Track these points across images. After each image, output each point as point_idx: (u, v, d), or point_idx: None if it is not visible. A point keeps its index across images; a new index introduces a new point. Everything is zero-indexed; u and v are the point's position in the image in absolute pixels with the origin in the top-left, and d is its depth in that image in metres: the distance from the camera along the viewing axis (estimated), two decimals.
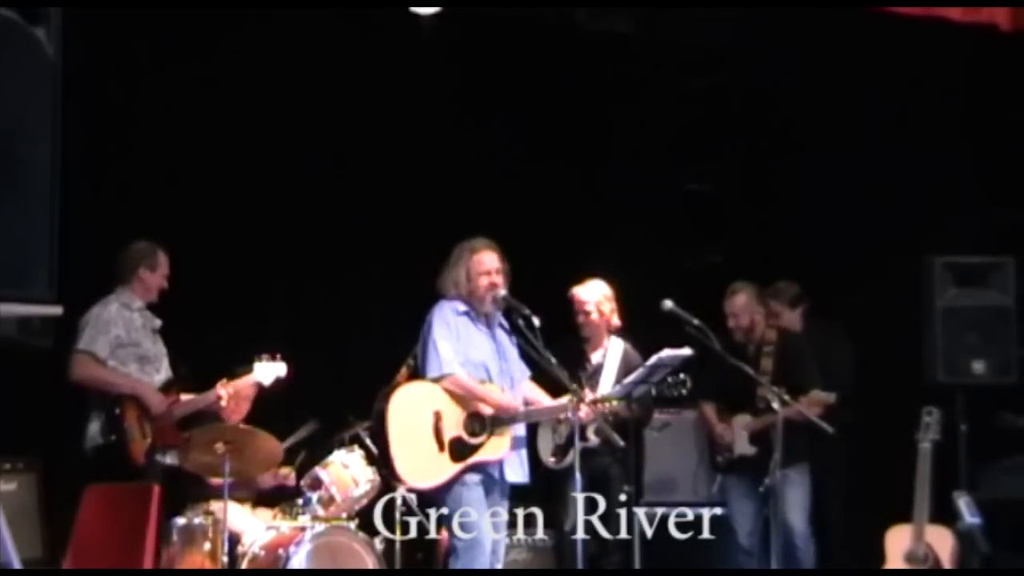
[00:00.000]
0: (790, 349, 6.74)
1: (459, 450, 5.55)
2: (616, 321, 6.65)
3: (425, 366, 5.64)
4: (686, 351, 6.16)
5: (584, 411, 5.74)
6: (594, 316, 6.61)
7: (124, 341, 5.96)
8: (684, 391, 6.19)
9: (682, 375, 6.10)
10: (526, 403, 5.84)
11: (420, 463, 5.54)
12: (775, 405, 5.95)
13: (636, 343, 6.66)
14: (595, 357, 6.65)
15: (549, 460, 6.52)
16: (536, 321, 5.66)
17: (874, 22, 6.95)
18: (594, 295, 6.64)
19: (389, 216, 7.83)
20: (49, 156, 3.16)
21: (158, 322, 6.17)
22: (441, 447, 5.54)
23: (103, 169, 6.77)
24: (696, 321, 5.98)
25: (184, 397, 6.15)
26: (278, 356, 6.34)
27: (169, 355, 6.20)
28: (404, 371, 6.30)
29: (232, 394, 6.26)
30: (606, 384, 6.46)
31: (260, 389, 6.40)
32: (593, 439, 6.27)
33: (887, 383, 7.29)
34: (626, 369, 6.53)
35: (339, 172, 7.86)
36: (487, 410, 5.60)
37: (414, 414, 5.56)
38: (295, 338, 7.00)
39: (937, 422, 6.34)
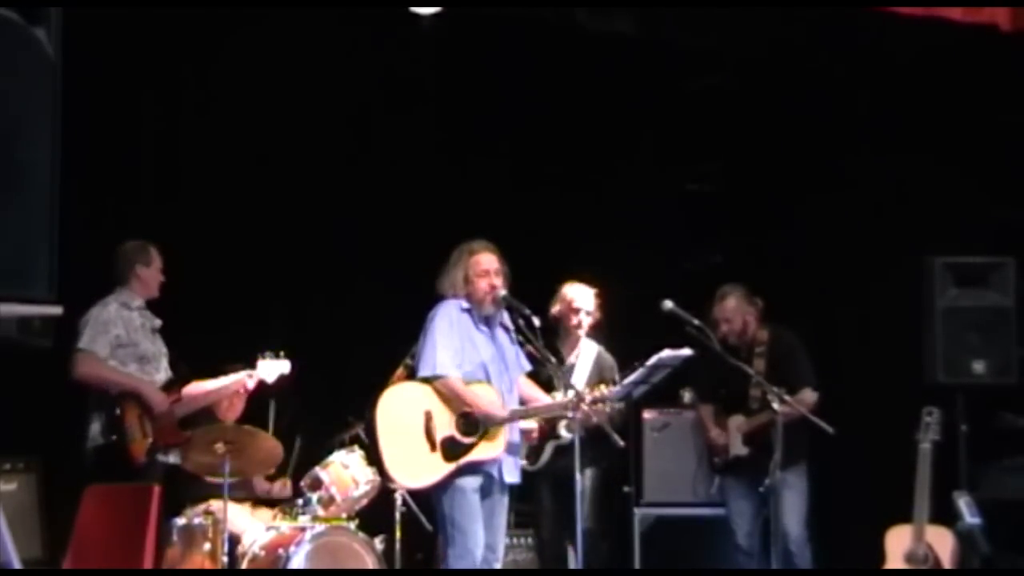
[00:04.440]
0: (781, 348, 6.74)
1: (452, 450, 5.54)
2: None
3: (421, 362, 5.65)
4: (686, 351, 6.18)
5: (582, 412, 5.72)
6: (588, 320, 6.63)
7: (124, 341, 5.96)
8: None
9: (637, 364, 6.15)
10: (523, 401, 5.85)
11: (412, 463, 5.55)
12: (775, 405, 5.94)
13: (636, 343, 6.65)
14: (570, 357, 6.66)
15: (522, 462, 6.52)
16: (536, 321, 5.68)
17: (874, 22, 6.95)
18: (591, 300, 6.65)
19: (389, 216, 7.83)
20: (49, 156, 3.16)
21: (158, 322, 6.17)
22: (433, 447, 5.54)
23: (103, 169, 6.76)
24: (696, 321, 5.98)
25: (204, 384, 6.16)
26: (281, 353, 6.34)
27: (170, 354, 6.20)
28: (401, 371, 6.31)
29: (243, 389, 6.30)
30: (577, 384, 6.46)
31: (262, 387, 6.40)
32: (565, 435, 6.26)
33: (887, 383, 7.29)
34: (599, 370, 6.56)
35: (339, 172, 7.87)
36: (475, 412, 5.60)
37: (404, 415, 5.57)
38: (296, 339, 6.99)
39: (937, 422, 6.34)
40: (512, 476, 5.74)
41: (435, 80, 7.92)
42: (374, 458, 5.95)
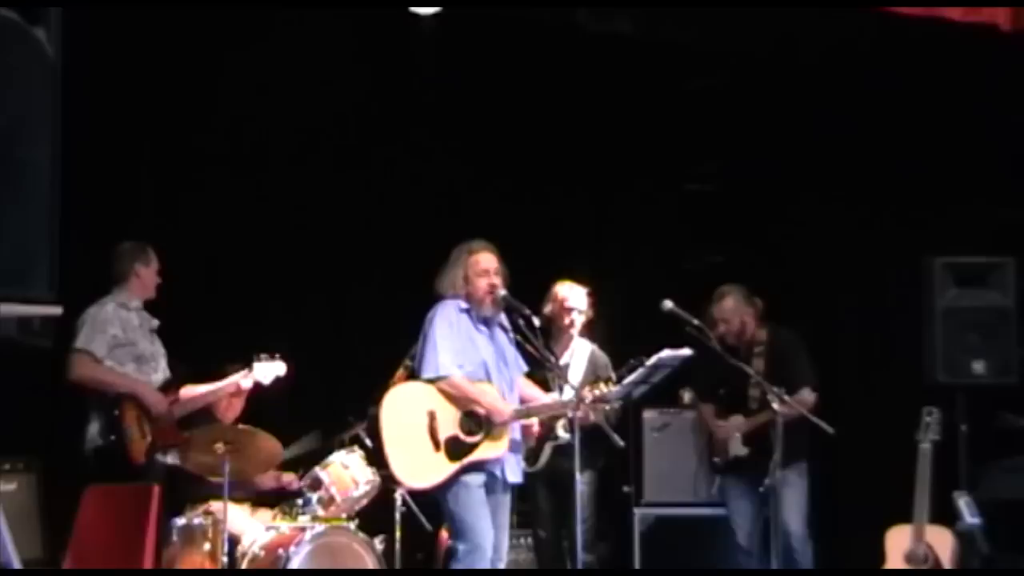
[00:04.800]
0: (780, 348, 6.74)
1: (456, 449, 5.54)
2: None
3: (422, 364, 5.64)
4: (686, 351, 6.18)
5: (582, 411, 5.71)
6: (580, 319, 6.63)
7: (121, 341, 5.96)
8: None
9: (633, 360, 6.15)
10: (523, 401, 5.85)
11: (417, 464, 5.55)
12: (775, 405, 5.94)
13: (636, 343, 6.65)
14: (564, 357, 6.63)
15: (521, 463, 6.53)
16: (536, 321, 5.68)
17: (874, 22, 6.95)
18: (583, 299, 6.65)
19: (389, 217, 7.83)
20: (49, 156, 3.16)
21: (155, 322, 6.17)
22: (437, 447, 5.54)
23: (103, 169, 6.76)
24: (696, 321, 5.98)
25: (199, 387, 6.15)
26: (277, 355, 6.34)
27: (168, 355, 6.20)
28: (401, 372, 6.31)
29: (237, 391, 6.30)
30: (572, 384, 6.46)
31: (259, 388, 6.40)
32: (563, 435, 6.26)
33: (887, 383, 7.29)
34: (593, 368, 6.55)
35: (339, 173, 7.87)
36: (482, 409, 5.60)
37: (408, 415, 5.56)
38: (296, 339, 7.00)
39: (937, 422, 6.34)
40: (515, 476, 5.75)
41: (435, 80, 7.91)
42: (378, 459, 5.94)
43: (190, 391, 6.15)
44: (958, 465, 6.56)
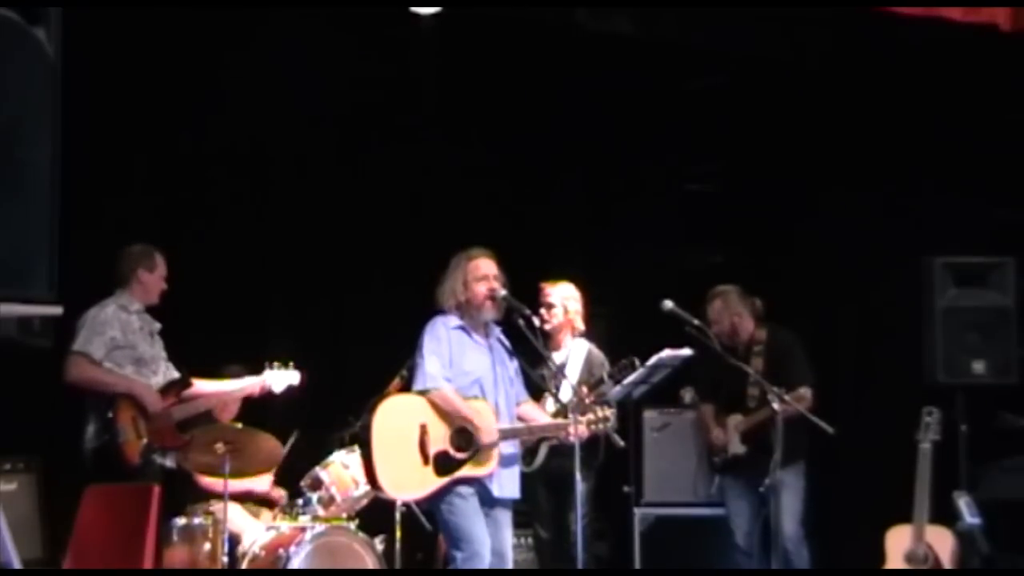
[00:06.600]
0: (778, 348, 6.74)
1: (444, 464, 5.52)
2: (580, 325, 6.63)
3: (414, 378, 5.64)
4: (686, 351, 6.17)
5: (582, 429, 5.66)
6: (558, 311, 6.59)
7: (120, 343, 5.93)
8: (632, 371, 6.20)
9: (624, 360, 6.13)
10: (523, 421, 5.81)
11: (403, 475, 5.52)
12: (775, 405, 5.93)
13: (636, 343, 6.65)
14: (557, 357, 6.55)
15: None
16: (536, 321, 5.67)
17: (874, 22, 6.95)
18: (562, 292, 6.63)
19: (389, 219, 7.83)
20: (49, 156, 3.16)
21: (157, 325, 6.15)
22: (425, 460, 5.51)
23: (103, 169, 6.76)
24: (696, 321, 5.98)
25: (214, 384, 6.14)
26: (291, 364, 6.33)
27: (170, 359, 6.18)
28: (397, 382, 6.30)
29: (228, 401, 6.30)
30: (568, 384, 6.45)
31: (267, 395, 6.39)
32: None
33: (887, 383, 7.29)
34: (589, 370, 6.53)
35: (338, 174, 7.86)
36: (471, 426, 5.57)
37: (400, 426, 5.54)
38: (296, 341, 6.99)
39: (937, 422, 6.34)
40: (502, 490, 5.65)
41: (435, 81, 7.91)
42: (366, 467, 5.93)
43: (199, 388, 6.13)
44: (958, 465, 6.56)
